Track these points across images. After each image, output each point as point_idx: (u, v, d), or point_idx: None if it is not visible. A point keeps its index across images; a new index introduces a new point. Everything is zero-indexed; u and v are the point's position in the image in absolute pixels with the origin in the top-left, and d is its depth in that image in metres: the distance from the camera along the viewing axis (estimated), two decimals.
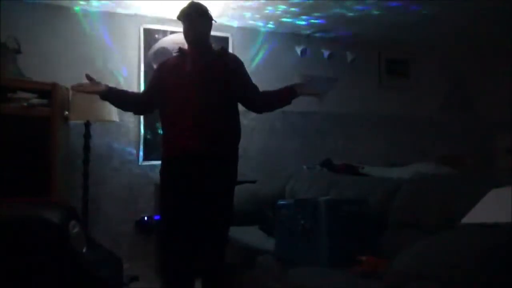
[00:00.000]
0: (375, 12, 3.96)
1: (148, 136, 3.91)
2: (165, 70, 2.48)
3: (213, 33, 2.51)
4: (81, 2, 3.66)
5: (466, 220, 1.72)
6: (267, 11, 3.92)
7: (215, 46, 2.55)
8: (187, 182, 2.32)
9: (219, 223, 2.37)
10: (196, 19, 2.40)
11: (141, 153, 3.90)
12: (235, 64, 2.50)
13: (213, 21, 2.47)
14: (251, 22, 4.19)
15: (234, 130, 2.47)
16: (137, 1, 3.64)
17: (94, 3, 3.68)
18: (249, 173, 3.93)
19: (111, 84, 2.44)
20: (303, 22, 4.22)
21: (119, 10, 3.85)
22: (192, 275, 2.41)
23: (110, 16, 3.86)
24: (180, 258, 2.35)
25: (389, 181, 2.69)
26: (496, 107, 4.74)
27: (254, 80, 2.56)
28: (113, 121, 3.48)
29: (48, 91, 3.18)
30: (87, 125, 3.37)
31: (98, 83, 2.34)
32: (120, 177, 3.83)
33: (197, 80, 2.35)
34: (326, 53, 4.58)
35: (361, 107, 4.77)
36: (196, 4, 2.45)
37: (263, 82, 4.04)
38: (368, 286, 1.81)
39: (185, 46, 2.48)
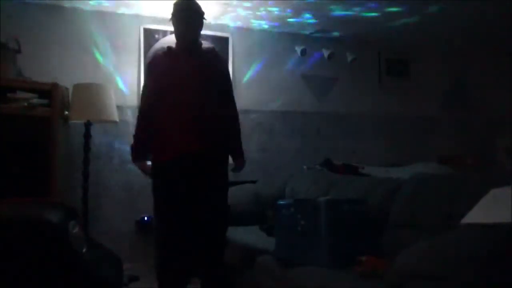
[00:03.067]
0: (375, 13, 3.96)
1: None
2: (157, 71, 2.44)
3: (213, 33, 2.52)
4: (81, 2, 3.65)
5: (466, 220, 1.72)
6: (267, 11, 3.91)
7: (204, 44, 2.54)
8: (181, 184, 2.31)
9: (216, 224, 2.37)
10: (191, 18, 2.39)
11: None
12: (222, 67, 2.56)
13: (204, 19, 2.46)
14: (251, 22, 4.18)
15: (228, 130, 2.46)
16: (137, 1, 3.64)
17: (94, 3, 3.68)
18: (249, 173, 3.92)
19: (111, 84, 2.44)
20: (303, 22, 4.22)
21: (119, 10, 3.84)
22: (186, 276, 2.40)
23: (110, 16, 3.86)
24: (174, 259, 2.34)
25: (389, 181, 2.69)
26: (496, 107, 4.74)
27: (254, 79, 2.56)
28: (113, 121, 3.47)
29: (48, 91, 3.18)
30: (87, 125, 3.37)
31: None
32: (120, 177, 3.83)
33: (190, 81, 2.34)
34: (326, 53, 4.58)
35: (361, 107, 4.77)
36: (189, 2, 2.43)
37: (263, 82, 4.06)
38: (368, 286, 1.81)
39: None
